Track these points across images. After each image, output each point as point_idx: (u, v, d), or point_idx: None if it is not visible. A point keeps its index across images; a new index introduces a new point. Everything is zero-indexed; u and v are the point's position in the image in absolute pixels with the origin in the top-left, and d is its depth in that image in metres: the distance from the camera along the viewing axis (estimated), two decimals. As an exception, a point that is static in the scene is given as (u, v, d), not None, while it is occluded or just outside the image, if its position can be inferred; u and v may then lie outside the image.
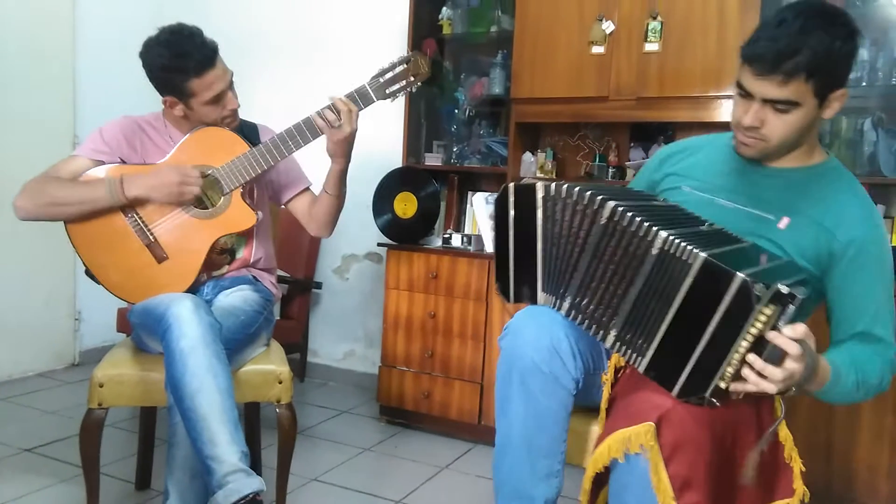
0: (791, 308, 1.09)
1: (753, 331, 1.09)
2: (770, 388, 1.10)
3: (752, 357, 1.10)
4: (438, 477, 2.40)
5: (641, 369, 1.21)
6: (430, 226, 2.89)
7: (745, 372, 1.11)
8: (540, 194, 1.31)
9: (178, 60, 1.75)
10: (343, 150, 1.83)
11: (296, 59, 3.48)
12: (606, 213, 1.24)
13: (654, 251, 1.18)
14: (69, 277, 3.46)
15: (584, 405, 1.46)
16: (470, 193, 2.95)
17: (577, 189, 1.27)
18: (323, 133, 1.81)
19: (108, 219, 1.81)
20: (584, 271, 1.29)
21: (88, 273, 1.87)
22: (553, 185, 1.30)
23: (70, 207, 1.77)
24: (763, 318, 1.08)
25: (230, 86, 1.86)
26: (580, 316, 1.31)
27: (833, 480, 2.14)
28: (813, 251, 1.31)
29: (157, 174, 1.78)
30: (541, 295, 1.37)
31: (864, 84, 2.31)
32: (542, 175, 2.77)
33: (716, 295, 1.10)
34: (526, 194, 1.33)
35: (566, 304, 1.33)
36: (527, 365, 1.33)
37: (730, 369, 1.12)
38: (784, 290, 1.07)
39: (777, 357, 1.10)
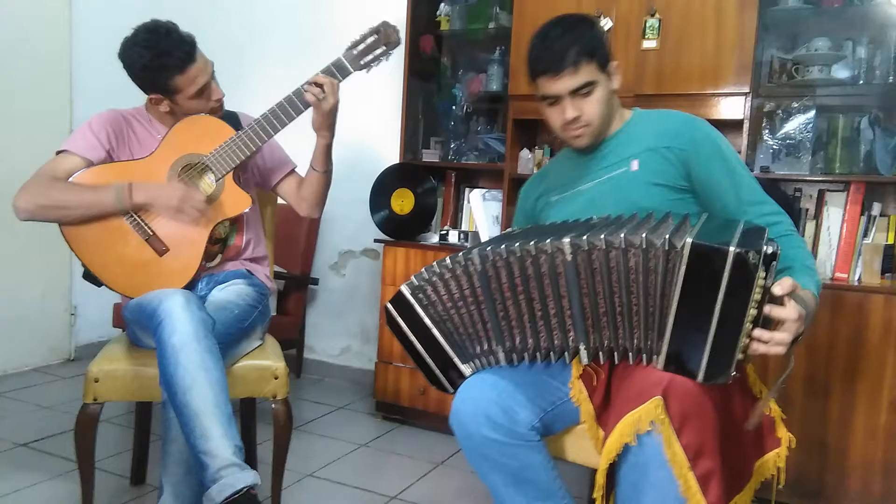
0: (774, 264, 1.13)
1: (757, 297, 1.11)
2: (777, 352, 1.16)
3: (758, 332, 1.15)
4: (434, 473, 2.40)
5: (660, 367, 1.20)
6: (427, 222, 2.89)
7: (755, 346, 1.15)
8: (408, 293, 1.39)
9: (159, 59, 1.76)
10: (329, 123, 1.86)
11: (292, 56, 3.47)
12: (477, 261, 1.31)
13: (569, 257, 1.23)
14: (65, 272, 3.45)
15: (572, 426, 1.48)
16: (467, 190, 2.95)
17: (434, 266, 1.37)
18: (304, 109, 1.83)
19: (105, 218, 1.80)
20: (495, 319, 1.34)
21: (87, 276, 1.86)
22: (413, 277, 1.40)
23: (76, 211, 1.77)
24: (761, 282, 1.11)
25: (212, 76, 1.87)
26: (526, 354, 1.35)
27: (827, 478, 2.15)
28: (670, 169, 1.46)
29: (163, 188, 1.79)
30: (464, 368, 1.42)
31: (861, 82, 2.31)
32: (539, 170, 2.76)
33: (714, 274, 1.11)
34: (400, 302, 1.41)
35: (501, 356, 1.37)
36: (478, 442, 1.37)
37: (745, 339, 1.14)
38: (769, 250, 1.11)
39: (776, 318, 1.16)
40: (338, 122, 1.88)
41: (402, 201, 2.86)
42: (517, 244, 1.27)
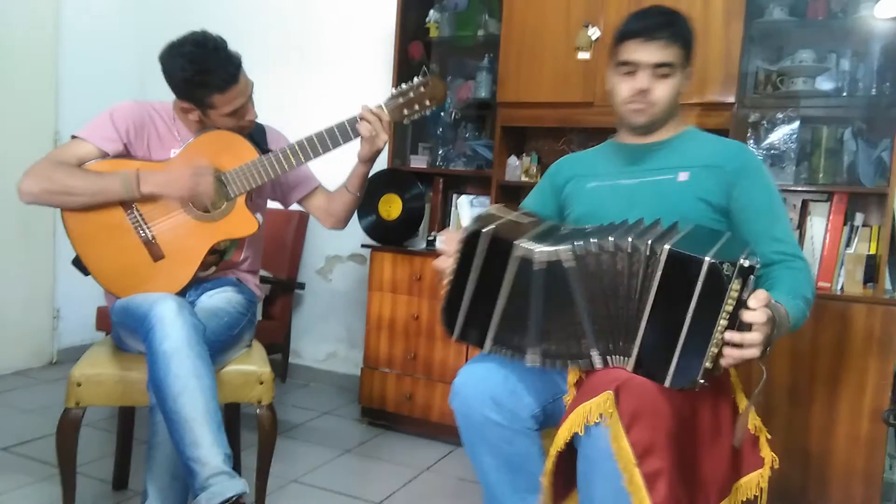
0: (752, 278, 1.15)
1: (728, 308, 1.14)
2: (752, 354, 1.17)
3: (729, 336, 1.16)
4: (419, 479, 2.40)
5: (630, 369, 1.22)
6: (415, 228, 2.89)
7: (727, 351, 1.16)
8: (518, 253, 1.28)
9: (201, 76, 1.73)
10: (375, 156, 1.89)
11: (282, 61, 3.46)
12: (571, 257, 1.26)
13: (568, 264, 1.24)
14: (48, 275, 3.42)
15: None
16: (455, 196, 2.96)
17: (554, 248, 1.26)
18: (345, 141, 1.84)
19: (108, 212, 1.78)
20: (537, 320, 1.29)
21: (77, 263, 1.83)
22: (526, 244, 1.28)
23: (81, 198, 1.73)
24: (734, 293, 1.13)
25: (250, 97, 1.85)
26: (548, 360, 1.30)
27: (809, 486, 2.17)
28: (716, 188, 1.48)
29: (170, 171, 1.76)
30: (489, 343, 1.33)
31: (844, 94, 2.34)
32: (526, 179, 2.77)
33: (687, 282, 1.14)
34: (502, 246, 1.29)
35: (531, 355, 1.30)
36: (479, 421, 1.37)
37: (714, 349, 1.15)
38: (746, 263, 1.13)
39: (747, 327, 1.17)
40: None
41: (390, 207, 2.86)
42: (584, 241, 1.25)
